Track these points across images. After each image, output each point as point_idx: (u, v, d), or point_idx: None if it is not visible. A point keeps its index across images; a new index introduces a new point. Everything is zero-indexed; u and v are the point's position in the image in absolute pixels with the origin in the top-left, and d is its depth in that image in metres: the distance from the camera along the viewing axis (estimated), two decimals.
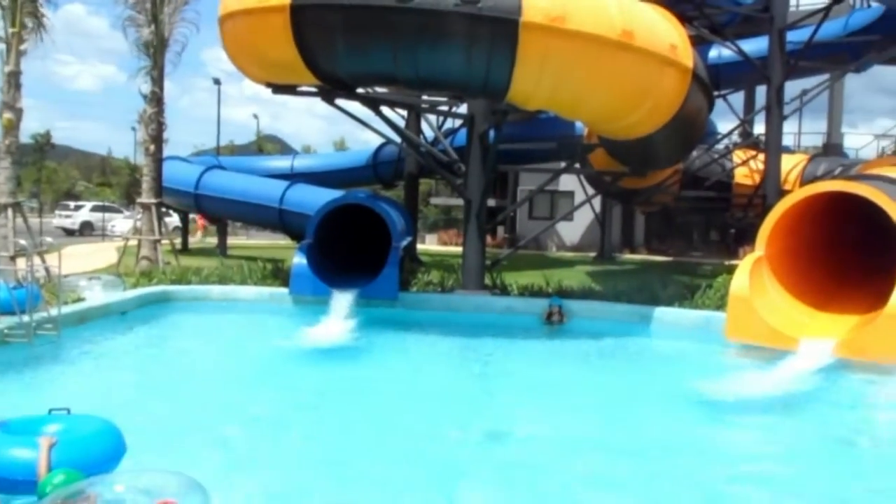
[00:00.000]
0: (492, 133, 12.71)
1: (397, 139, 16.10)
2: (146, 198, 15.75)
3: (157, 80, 15.82)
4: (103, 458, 4.13)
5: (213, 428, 5.95)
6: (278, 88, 11.71)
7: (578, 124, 18.46)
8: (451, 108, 15.07)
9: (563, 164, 16.06)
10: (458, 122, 19.20)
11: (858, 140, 64.33)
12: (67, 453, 3.98)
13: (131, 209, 37.66)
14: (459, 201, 14.28)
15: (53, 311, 8.55)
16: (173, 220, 29.78)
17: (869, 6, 22.10)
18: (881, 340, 8.44)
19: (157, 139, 15.87)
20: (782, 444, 6.38)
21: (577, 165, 16.77)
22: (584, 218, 27.79)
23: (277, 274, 13.34)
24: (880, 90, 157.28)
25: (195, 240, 28.46)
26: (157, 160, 15.92)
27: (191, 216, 25.08)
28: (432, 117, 17.86)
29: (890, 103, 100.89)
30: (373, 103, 12.47)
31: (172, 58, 16.19)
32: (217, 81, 42.21)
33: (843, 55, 21.20)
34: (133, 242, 16.21)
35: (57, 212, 41.48)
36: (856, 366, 8.47)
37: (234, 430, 5.97)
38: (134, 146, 54.99)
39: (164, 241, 16.14)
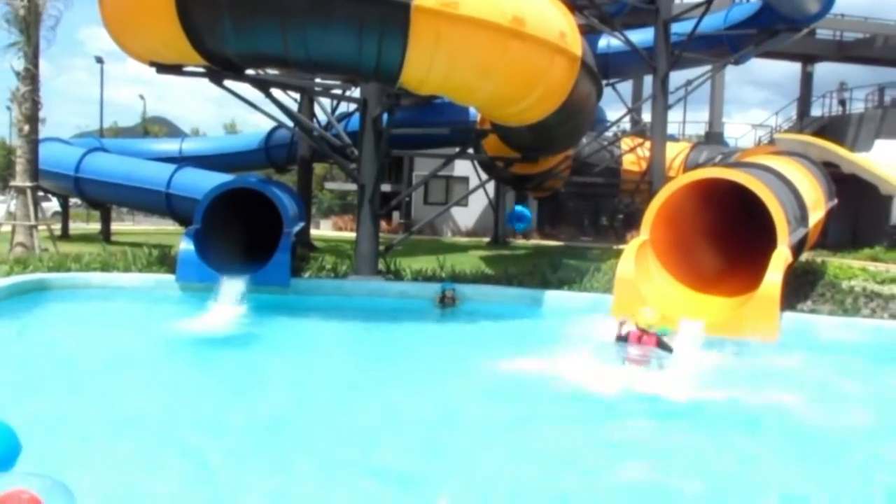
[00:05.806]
0: (385, 117, 12.63)
1: (289, 123, 15.80)
2: (21, 181, 14.90)
3: (31, 57, 14.95)
4: None
5: (83, 424, 5.62)
6: (163, 68, 11.25)
7: (472, 110, 18.59)
8: (344, 91, 14.87)
9: (457, 150, 16.14)
10: (351, 106, 19.02)
11: (737, 129, 67.81)
12: None
13: (5, 193, 35.58)
14: (355, 186, 14.16)
15: None
16: (53, 204, 28.37)
17: (748, 1, 23.14)
18: (753, 319, 8.89)
19: (33, 119, 15.01)
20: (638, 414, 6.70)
21: (471, 151, 16.89)
22: (478, 203, 28.08)
23: (164, 260, 12.88)
24: (752, 82, 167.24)
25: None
26: (33, 141, 15.06)
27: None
28: (325, 101, 17.61)
29: (761, 95, 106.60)
30: (263, 85, 12.18)
31: (47, 33, 15.32)
32: (99, 60, 40.31)
33: (724, 47, 22.16)
34: (7, 228, 15.35)
35: None
36: (726, 342, 8.82)
37: (105, 426, 5.64)
38: (9, 126, 51.85)
39: (41, 227, 15.34)
